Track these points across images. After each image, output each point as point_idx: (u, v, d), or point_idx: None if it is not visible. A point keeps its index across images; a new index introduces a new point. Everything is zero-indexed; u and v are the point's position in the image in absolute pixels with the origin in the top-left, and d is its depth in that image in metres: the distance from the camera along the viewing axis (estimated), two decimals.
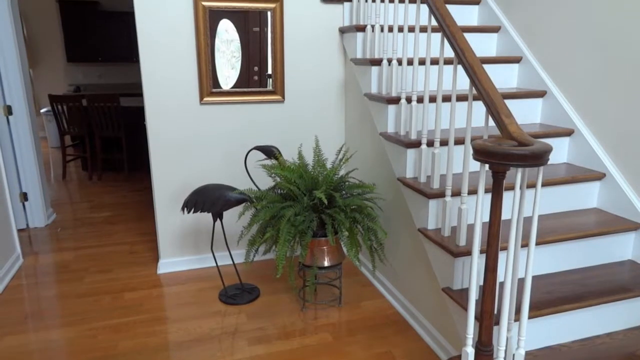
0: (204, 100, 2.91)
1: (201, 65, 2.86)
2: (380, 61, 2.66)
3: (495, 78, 2.94)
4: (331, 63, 3.09)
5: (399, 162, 2.46)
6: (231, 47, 2.90)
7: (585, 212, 2.41)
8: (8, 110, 3.60)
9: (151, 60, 2.78)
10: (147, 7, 2.71)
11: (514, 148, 1.41)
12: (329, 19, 3.02)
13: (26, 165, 3.77)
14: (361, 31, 2.84)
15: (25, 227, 3.88)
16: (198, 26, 2.80)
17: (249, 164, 3.10)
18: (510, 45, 3.01)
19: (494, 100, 1.68)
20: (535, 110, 2.80)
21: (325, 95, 3.13)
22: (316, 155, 2.61)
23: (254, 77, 3.00)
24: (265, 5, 2.88)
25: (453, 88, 1.99)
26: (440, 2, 2.03)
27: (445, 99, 2.54)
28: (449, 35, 1.93)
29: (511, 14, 3.03)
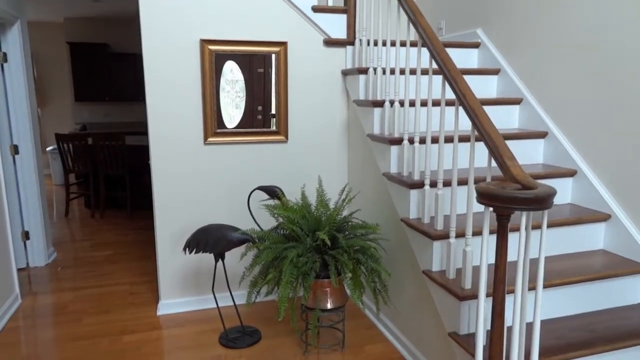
0: (208, 141, 2.94)
1: (206, 107, 2.90)
2: (382, 103, 2.70)
3: (497, 119, 2.97)
4: (334, 104, 3.14)
5: (402, 203, 2.46)
6: (236, 87, 2.96)
7: (591, 254, 2.38)
8: (15, 149, 3.64)
9: (157, 101, 2.83)
10: (154, 49, 2.78)
11: (518, 192, 1.40)
12: (331, 61, 3.08)
13: (29, 204, 3.77)
14: (363, 73, 2.89)
15: (25, 266, 3.85)
16: (204, 69, 2.86)
17: (252, 204, 3.10)
18: (511, 87, 3.06)
19: (496, 142, 1.69)
20: (537, 151, 2.82)
21: (329, 135, 3.16)
22: (319, 196, 2.61)
23: (257, 117, 3.04)
24: (270, 49, 2.96)
25: (455, 129, 2.01)
26: (440, 47, 2.08)
27: (448, 140, 2.56)
28: (450, 79, 1.97)
29: (510, 57, 3.09)
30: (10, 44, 3.55)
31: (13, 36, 3.56)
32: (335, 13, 3.02)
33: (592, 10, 2.47)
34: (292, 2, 2.93)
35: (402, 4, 2.39)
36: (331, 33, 3.04)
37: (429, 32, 2.18)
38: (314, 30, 3.02)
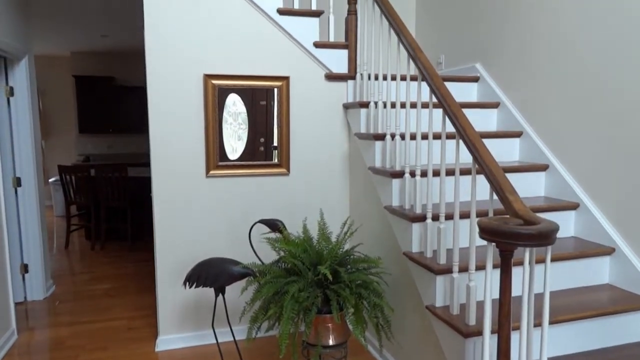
0: (210, 173, 2.95)
1: (209, 140, 2.92)
2: (383, 136, 2.72)
3: (497, 152, 2.98)
4: (335, 137, 3.16)
5: (405, 236, 2.44)
6: (238, 119, 2.99)
7: (597, 289, 2.34)
8: (17, 182, 3.65)
9: (160, 133, 2.85)
10: (159, 83, 2.82)
11: (521, 227, 1.39)
12: (333, 95, 3.12)
13: (30, 237, 3.76)
14: (364, 107, 2.92)
15: (23, 300, 3.80)
16: (207, 103, 2.90)
17: (254, 237, 3.08)
18: (510, 120, 3.09)
19: (497, 177, 1.69)
20: (539, 184, 2.82)
21: (330, 168, 3.17)
22: (321, 229, 2.59)
23: (260, 148, 3.06)
24: (272, 84, 3.00)
25: (456, 163, 2.01)
26: (440, 83, 2.11)
27: (449, 173, 2.56)
28: (450, 114, 1.99)
29: (509, 90, 3.13)
30: (17, 78, 3.62)
31: (20, 71, 3.63)
32: (337, 48, 3.08)
33: (590, 45, 2.52)
34: (295, 38, 3.00)
35: (401, 40, 2.44)
36: (333, 68, 3.09)
37: (428, 67, 2.22)
38: (316, 65, 3.07)
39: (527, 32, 2.96)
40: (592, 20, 2.49)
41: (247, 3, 2.92)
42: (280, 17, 2.96)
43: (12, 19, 3.42)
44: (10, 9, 3.40)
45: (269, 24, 2.97)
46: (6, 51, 3.29)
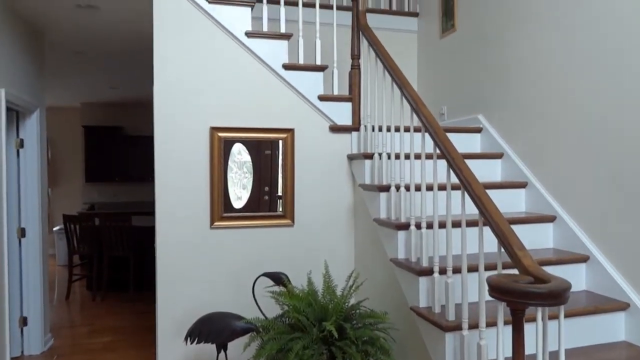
0: (214, 225, 2.94)
1: (214, 191, 2.93)
2: (388, 187, 2.72)
3: (503, 203, 2.96)
4: (340, 188, 3.17)
5: (411, 290, 2.39)
6: (243, 168, 3.01)
7: (613, 347, 2.25)
8: (22, 232, 3.65)
9: (165, 182, 2.87)
10: (166, 134, 2.87)
11: (532, 286, 1.36)
12: (337, 146, 3.15)
13: (31, 289, 3.71)
14: (369, 158, 2.94)
15: (20, 355, 3.70)
16: (213, 155, 2.93)
17: (257, 290, 3.02)
18: (515, 171, 3.09)
19: (504, 232, 1.67)
20: (547, 235, 2.78)
21: (335, 219, 3.16)
22: (326, 282, 2.55)
23: (264, 197, 3.06)
24: (277, 136, 3.04)
25: (462, 215, 2.00)
26: (443, 136, 2.13)
27: (455, 224, 2.54)
28: (454, 167, 1.99)
29: (512, 141, 3.15)
30: (28, 130, 3.69)
31: (31, 123, 3.71)
32: (341, 101, 3.14)
33: (590, 93, 2.55)
34: (300, 91, 3.06)
35: (404, 95, 2.49)
36: (337, 120, 3.14)
37: (431, 121, 2.25)
38: (320, 117, 3.12)
39: (528, 83, 3.01)
40: (592, 68, 2.54)
41: (254, 59, 3.01)
42: (286, 72, 3.04)
43: (27, 74, 3.54)
44: (27, 65, 3.52)
45: (275, 79, 3.04)
46: (20, 105, 3.37)
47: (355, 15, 3.11)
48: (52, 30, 3.76)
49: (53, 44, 4.15)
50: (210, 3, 2.93)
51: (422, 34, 4.32)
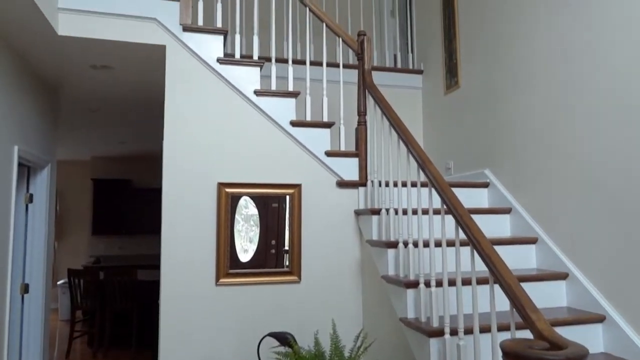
0: (220, 282, 2.89)
1: (220, 247, 2.91)
2: (396, 244, 2.68)
3: (513, 259, 2.91)
4: (347, 243, 3.14)
5: (422, 353, 2.30)
6: (250, 221, 3.00)
7: None
8: (25, 288, 3.61)
9: (172, 237, 2.85)
10: (173, 188, 2.89)
11: (548, 353, 1.31)
12: (344, 202, 3.15)
13: (31, 347, 3.62)
14: (376, 214, 2.93)
15: None
16: (220, 211, 2.93)
17: (263, 351, 2.93)
18: (524, 226, 3.05)
19: (516, 293, 1.63)
20: (560, 293, 2.70)
21: (342, 276, 3.10)
22: (333, 342, 2.47)
23: (271, 251, 3.03)
24: (285, 191, 3.05)
25: (472, 273, 1.96)
26: (451, 194, 2.12)
27: (466, 282, 2.48)
28: (462, 225, 1.97)
29: (521, 196, 3.14)
30: (38, 185, 3.73)
31: (42, 178, 3.76)
32: (348, 157, 3.17)
33: (599, 149, 2.56)
34: (307, 147, 3.11)
35: (410, 151, 2.51)
36: (344, 175, 3.16)
37: (438, 178, 2.25)
38: (328, 173, 3.14)
39: (533, 137, 3.04)
40: (600, 122, 2.56)
41: (262, 116, 3.07)
42: (294, 128, 3.10)
43: (40, 131, 3.63)
44: (40, 122, 3.62)
45: (283, 135, 3.09)
46: (31, 161, 3.43)
47: (361, 74, 3.20)
48: (67, 88, 3.89)
49: (67, 101, 4.28)
50: (222, 64, 3.03)
51: (426, 90, 4.42)
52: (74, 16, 2.85)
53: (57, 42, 2.91)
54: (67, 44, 2.94)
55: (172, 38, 2.98)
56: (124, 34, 2.91)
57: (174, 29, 2.98)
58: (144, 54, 3.12)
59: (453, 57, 3.93)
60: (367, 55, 3.19)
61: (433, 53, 4.29)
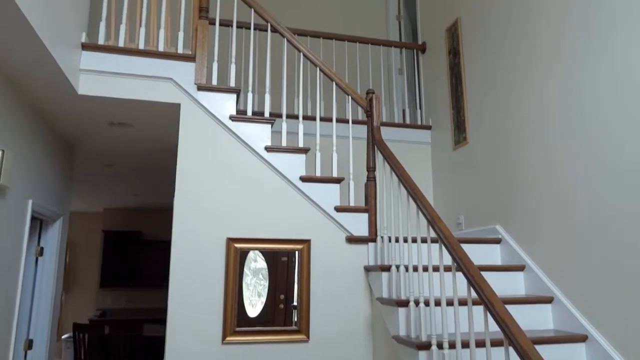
0: (226, 340, 2.82)
1: (227, 302, 2.87)
2: (407, 302, 2.62)
3: (528, 320, 2.81)
4: (357, 301, 3.07)
5: None
6: (259, 275, 2.97)
7: None
8: (29, 345, 3.55)
9: (179, 293, 2.82)
10: (183, 242, 2.90)
11: None
12: (354, 257, 3.12)
13: None
14: (386, 271, 2.88)
15: None
16: (228, 265, 2.91)
17: None
18: (538, 284, 2.98)
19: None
20: (579, 356, 2.59)
21: (352, 335, 3.01)
22: None
23: (279, 306, 2.97)
24: (294, 247, 3.04)
25: (486, 334, 1.89)
26: (462, 253, 2.09)
27: (480, 344, 2.40)
28: (474, 285, 1.93)
29: (534, 252, 3.08)
30: (49, 238, 3.76)
31: (53, 231, 3.79)
32: (357, 212, 3.17)
33: (617, 203, 2.53)
34: (316, 203, 3.11)
35: (420, 208, 2.50)
36: (353, 231, 3.14)
37: (448, 236, 2.23)
38: (337, 228, 3.13)
39: (544, 192, 3.02)
40: (610, 175, 2.55)
41: (272, 171, 3.11)
42: (303, 184, 3.12)
43: (55, 185, 3.69)
44: (56, 176, 3.69)
45: (292, 190, 3.11)
46: (44, 214, 3.48)
47: (370, 130, 3.26)
48: (84, 144, 3.99)
49: (83, 156, 4.38)
50: (234, 121, 3.11)
51: (435, 145, 4.46)
52: (94, 76, 2.97)
53: (77, 101, 3.02)
54: (86, 102, 3.05)
55: (187, 97, 3.09)
56: (141, 93, 3.02)
57: (189, 88, 3.09)
58: (159, 112, 3.22)
59: (461, 114, 3.99)
60: (376, 112, 3.26)
61: (441, 109, 4.37)
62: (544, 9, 3.08)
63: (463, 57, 4.01)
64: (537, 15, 3.15)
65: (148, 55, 3.06)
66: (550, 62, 3.02)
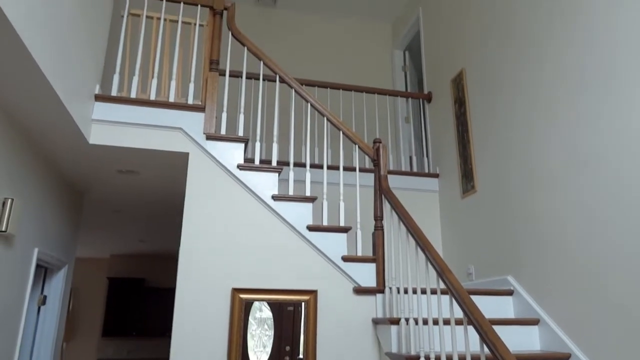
0: None
1: (231, 355, 2.77)
2: (417, 358, 2.52)
3: None
4: (365, 354, 2.96)
5: None
6: (264, 325, 2.90)
7: None
8: None
9: (181, 344, 2.74)
10: (188, 291, 2.84)
11: None
12: (361, 309, 3.03)
13: None
14: (395, 324, 2.79)
15: None
16: (233, 315, 2.84)
17: None
18: (555, 340, 2.86)
19: None
20: None
21: None
22: None
23: (285, 358, 2.87)
24: (300, 298, 2.97)
25: None
26: (474, 307, 2.03)
27: None
28: (487, 342, 1.86)
29: (549, 306, 2.98)
30: (53, 286, 3.72)
31: (57, 279, 3.75)
32: (365, 262, 3.11)
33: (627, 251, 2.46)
34: (323, 252, 3.07)
35: (429, 259, 2.45)
36: (361, 281, 3.07)
37: (458, 288, 2.17)
38: (344, 279, 3.07)
39: (557, 241, 2.95)
40: (630, 222, 2.49)
41: (279, 220, 3.09)
42: (310, 233, 3.09)
43: (62, 232, 3.69)
44: (63, 224, 3.70)
45: (299, 239, 3.08)
46: (49, 263, 3.45)
47: (377, 179, 3.25)
48: (93, 191, 4.02)
49: (91, 203, 4.40)
50: (241, 170, 3.13)
51: (443, 194, 4.44)
52: (106, 126, 3.03)
53: (87, 150, 3.07)
54: (96, 151, 3.10)
55: (196, 146, 3.12)
56: (151, 142, 3.07)
57: (197, 138, 3.13)
58: (168, 160, 3.25)
59: (468, 162, 3.99)
60: (383, 161, 3.27)
61: (448, 158, 4.38)
62: (547, 58, 3.14)
63: (469, 106, 4.05)
64: (540, 63, 3.20)
65: (159, 106, 3.12)
66: (554, 109, 3.04)
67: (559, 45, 3.04)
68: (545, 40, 3.17)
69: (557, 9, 3.09)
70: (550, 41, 3.12)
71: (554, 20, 3.11)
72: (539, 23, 3.25)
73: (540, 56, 3.21)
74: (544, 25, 3.20)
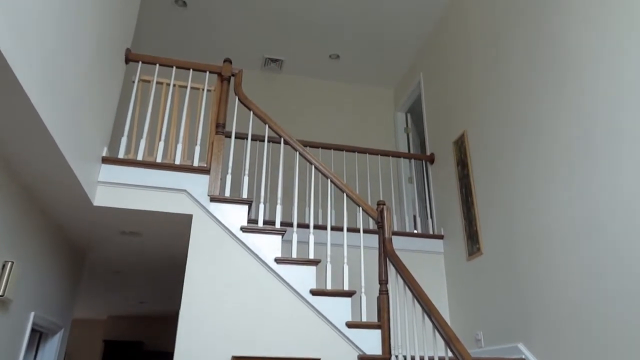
0: None
1: None
2: None
3: None
4: None
5: None
6: None
7: None
8: None
9: None
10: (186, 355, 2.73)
11: None
12: None
13: None
14: None
15: None
16: None
17: None
18: None
19: None
20: None
21: None
22: None
23: None
24: None
25: None
26: None
27: None
28: None
29: None
30: (47, 352, 3.59)
31: (52, 344, 3.63)
32: (370, 329, 3.01)
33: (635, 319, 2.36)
34: (327, 318, 2.98)
35: (436, 327, 2.37)
36: (366, 349, 2.95)
37: (468, 359, 2.08)
38: (348, 346, 2.95)
39: (570, 304, 2.85)
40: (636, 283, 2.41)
41: (281, 283, 3.03)
42: (313, 297, 3.02)
43: (60, 295, 3.61)
44: (62, 286, 3.63)
45: (302, 304, 3.00)
46: (45, 327, 3.36)
47: (382, 242, 3.21)
48: (94, 251, 3.98)
49: (91, 264, 4.35)
50: (245, 232, 3.11)
51: (449, 255, 4.37)
52: (111, 188, 3.05)
53: (91, 211, 3.07)
54: (100, 212, 3.09)
55: (199, 208, 3.12)
56: (155, 204, 3.07)
57: (201, 200, 3.13)
58: (171, 222, 3.24)
59: (473, 224, 3.96)
60: (387, 223, 3.25)
61: (453, 219, 4.35)
62: (547, 118, 3.18)
63: (472, 169, 4.08)
64: (541, 124, 3.24)
65: (165, 168, 3.16)
66: (556, 169, 3.04)
67: (558, 110, 3.10)
68: (545, 104, 3.24)
69: (557, 76, 3.17)
70: (550, 106, 3.19)
71: (552, 86, 3.19)
72: (539, 88, 3.33)
73: (541, 116, 3.26)
74: (542, 90, 3.28)
